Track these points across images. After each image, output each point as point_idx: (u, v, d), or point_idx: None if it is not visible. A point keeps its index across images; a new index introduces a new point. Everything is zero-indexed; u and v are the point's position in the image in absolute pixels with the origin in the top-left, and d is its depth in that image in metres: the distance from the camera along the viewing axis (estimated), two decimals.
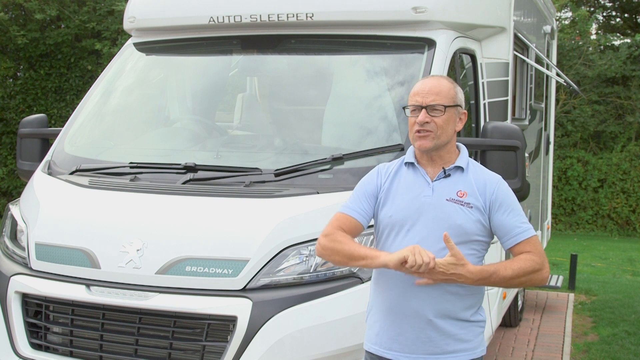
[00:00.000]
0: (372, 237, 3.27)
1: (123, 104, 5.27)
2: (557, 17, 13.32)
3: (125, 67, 5.29)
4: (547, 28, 8.00)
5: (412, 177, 2.94)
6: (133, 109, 5.31)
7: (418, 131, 2.87)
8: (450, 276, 2.73)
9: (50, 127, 5.68)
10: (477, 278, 2.76)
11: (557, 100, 13.48)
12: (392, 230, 2.91)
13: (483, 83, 5.14)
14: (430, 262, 2.67)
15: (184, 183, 4.14)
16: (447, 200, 2.86)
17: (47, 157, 4.80)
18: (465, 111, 2.99)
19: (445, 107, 2.87)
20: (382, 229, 2.94)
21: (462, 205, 2.85)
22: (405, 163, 2.98)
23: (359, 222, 2.95)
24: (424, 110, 2.86)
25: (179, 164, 4.27)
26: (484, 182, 2.91)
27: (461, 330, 2.89)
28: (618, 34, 18.70)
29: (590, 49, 16.57)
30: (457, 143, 3.00)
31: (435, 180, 2.90)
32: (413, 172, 2.95)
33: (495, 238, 2.98)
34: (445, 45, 4.54)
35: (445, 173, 2.90)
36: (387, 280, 2.90)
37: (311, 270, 3.70)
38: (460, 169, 2.92)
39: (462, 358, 2.89)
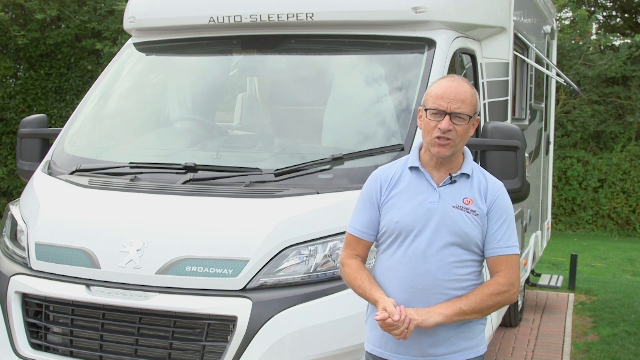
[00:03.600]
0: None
1: (123, 104, 5.27)
2: (557, 17, 13.32)
3: (125, 67, 5.29)
4: (547, 28, 8.00)
5: (416, 182, 2.92)
6: (133, 109, 5.31)
7: (438, 137, 2.82)
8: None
9: (50, 127, 5.68)
10: (443, 321, 2.79)
11: (557, 100, 13.48)
12: (398, 236, 2.89)
13: (483, 83, 5.14)
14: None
15: (184, 183, 4.13)
16: (453, 207, 2.85)
17: (47, 157, 4.80)
18: (479, 117, 2.98)
19: (470, 117, 2.85)
20: (388, 234, 2.92)
21: (468, 212, 2.85)
22: (410, 167, 2.96)
23: (366, 241, 3.01)
24: (447, 117, 2.81)
25: (179, 164, 4.27)
26: (486, 187, 2.90)
27: (466, 330, 2.90)
28: (618, 34, 18.70)
29: (591, 49, 16.57)
30: None
31: (442, 186, 2.89)
32: (417, 176, 2.93)
33: None
34: (445, 45, 4.54)
35: (451, 179, 2.89)
36: (391, 285, 2.89)
37: (311, 270, 3.70)
38: (465, 175, 2.91)
39: (467, 356, 2.91)
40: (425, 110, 2.88)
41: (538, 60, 7.06)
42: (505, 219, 2.88)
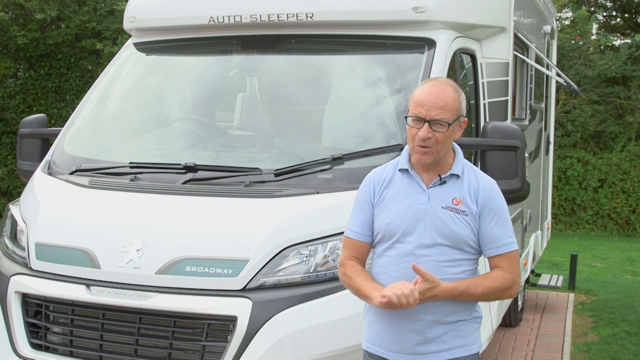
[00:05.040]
0: None
1: (123, 104, 5.27)
2: (557, 17, 13.32)
3: (125, 67, 5.29)
4: (547, 28, 8.00)
5: (407, 184, 2.94)
6: (133, 109, 5.31)
7: (419, 146, 2.84)
8: (426, 298, 2.77)
9: (50, 127, 5.68)
10: (449, 296, 2.81)
11: (557, 100, 13.48)
12: (390, 238, 2.91)
13: (483, 83, 5.14)
14: (411, 295, 2.70)
15: (184, 183, 4.13)
16: (442, 208, 2.86)
17: (47, 157, 4.80)
18: (466, 119, 2.98)
19: (449, 124, 2.83)
20: (380, 236, 2.95)
21: (457, 213, 2.86)
22: (400, 169, 2.97)
23: (362, 242, 3.01)
24: (426, 124, 2.82)
25: (179, 164, 4.27)
26: (477, 187, 2.91)
27: (459, 328, 2.91)
28: (618, 34, 18.70)
29: (591, 49, 16.57)
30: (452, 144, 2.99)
31: (431, 187, 2.90)
32: (408, 178, 2.95)
33: None
34: (445, 45, 4.54)
35: (440, 180, 2.90)
36: (384, 283, 2.90)
37: (311, 270, 3.70)
38: (455, 175, 2.91)
39: (460, 354, 2.92)
40: (406, 117, 2.90)
41: (538, 60, 7.06)
42: (499, 217, 2.90)
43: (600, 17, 18.89)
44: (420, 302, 2.76)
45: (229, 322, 3.62)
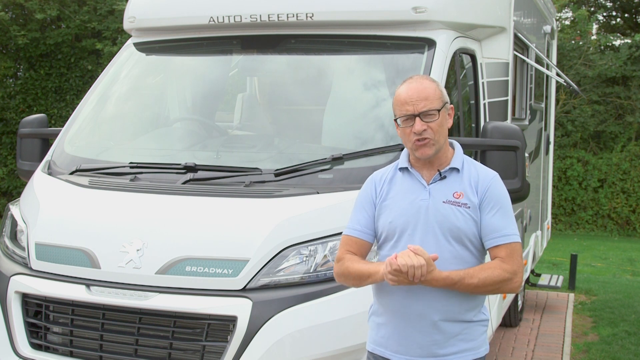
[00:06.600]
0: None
1: (123, 104, 5.27)
2: (557, 17, 13.32)
3: (125, 67, 5.29)
4: (547, 28, 8.00)
5: (408, 182, 2.94)
6: (133, 109, 5.31)
7: (417, 140, 2.84)
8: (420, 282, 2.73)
9: (50, 127, 5.68)
10: (442, 284, 2.76)
11: (557, 100, 13.48)
12: (393, 236, 2.91)
13: (483, 83, 5.14)
14: (419, 269, 2.65)
15: (184, 183, 4.14)
16: (443, 202, 2.86)
17: (47, 157, 4.80)
18: (452, 105, 2.99)
19: (438, 110, 2.86)
20: (383, 235, 2.94)
21: (458, 206, 2.85)
22: (400, 168, 2.98)
23: (363, 241, 2.98)
24: (417, 118, 2.84)
25: (179, 164, 4.27)
26: (477, 179, 2.90)
27: (465, 331, 2.89)
28: (618, 34, 18.70)
29: (591, 49, 16.57)
30: (450, 140, 2.99)
31: (431, 183, 2.90)
32: (409, 176, 2.95)
33: None
34: (445, 45, 4.54)
35: (440, 175, 2.90)
36: (389, 284, 2.89)
37: (311, 270, 3.70)
38: (455, 169, 2.91)
39: (467, 358, 2.89)
40: (397, 120, 2.90)
41: (538, 60, 7.06)
42: (499, 208, 2.86)
43: (600, 17, 18.89)
44: (410, 284, 2.73)
45: (229, 322, 3.62)
